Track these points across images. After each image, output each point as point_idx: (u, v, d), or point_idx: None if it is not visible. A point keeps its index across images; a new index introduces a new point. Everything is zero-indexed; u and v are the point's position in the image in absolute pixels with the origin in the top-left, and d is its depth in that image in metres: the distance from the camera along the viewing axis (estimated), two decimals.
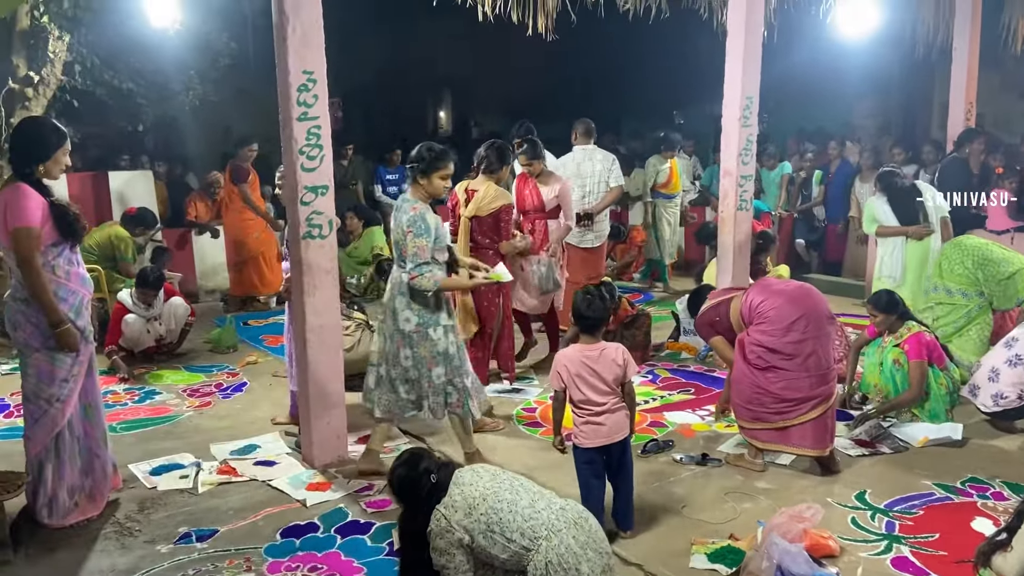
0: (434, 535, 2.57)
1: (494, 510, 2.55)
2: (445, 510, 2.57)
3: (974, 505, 3.75)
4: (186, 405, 5.30)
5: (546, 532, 2.53)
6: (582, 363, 3.38)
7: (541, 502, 2.64)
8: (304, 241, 4.09)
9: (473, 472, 2.71)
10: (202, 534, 3.55)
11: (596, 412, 3.37)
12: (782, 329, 3.95)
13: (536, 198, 5.67)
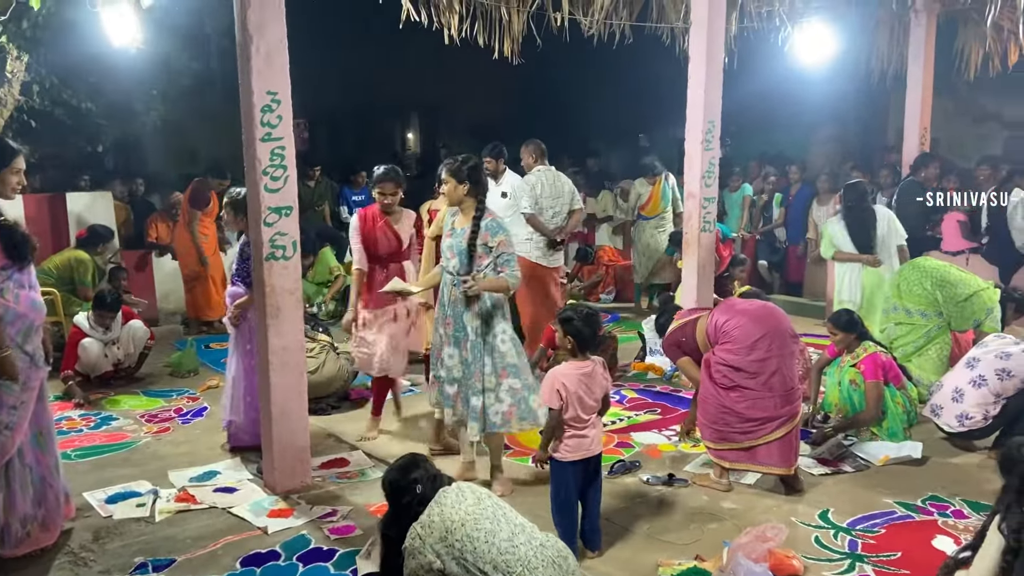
0: (407, 554, 2.52)
1: (470, 538, 2.49)
2: (421, 529, 2.51)
3: (935, 523, 3.79)
4: (144, 431, 5.18)
5: (521, 568, 2.47)
6: (580, 380, 3.42)
7: (521, 536, 2.58)
8: (268, 263, 4.04)
9: (458, 493, 2.65)
10: (159, 564, 3.45)
11: (582, 428, 3.42)
12: (746, 348, 3.99)
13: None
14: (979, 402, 4.49)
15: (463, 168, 4.02)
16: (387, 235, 4.79)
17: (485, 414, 4.00)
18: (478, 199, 4.04)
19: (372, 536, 3.59)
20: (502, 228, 4.04)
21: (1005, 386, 4.44)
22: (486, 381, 3.99)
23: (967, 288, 5.35)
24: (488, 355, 3.98)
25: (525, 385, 4.01)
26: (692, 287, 5.90)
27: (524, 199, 6.44)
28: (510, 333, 4.04)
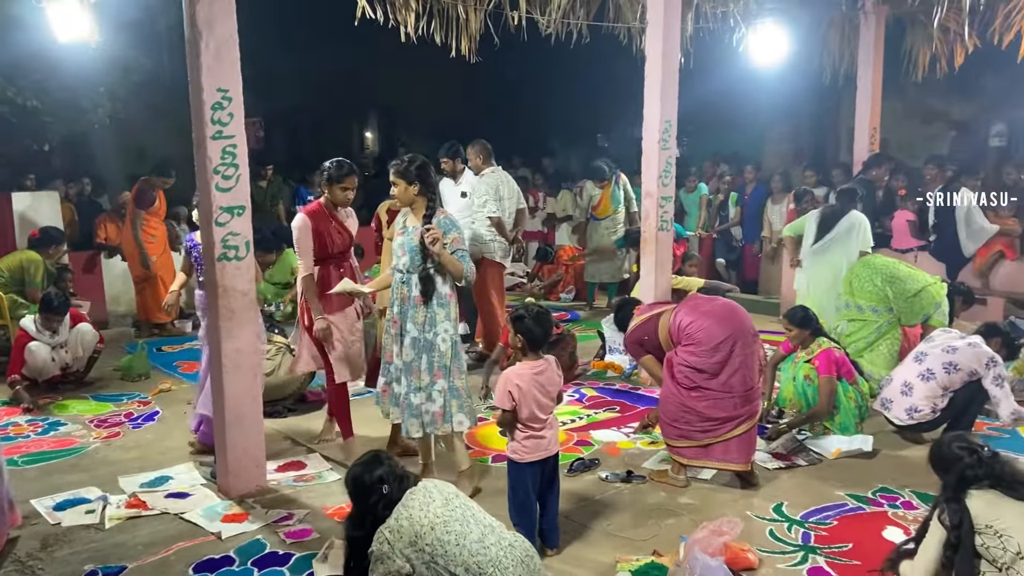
0: (375, 558, 2.48)
1: (440, 542, 2.47)
2: (389, 534, 2.48)
3: (885, 515, 3.87)
4: (93, 436, 5.05)
5: (492, 569, 2.46)
6: (533, 379, 3.41)
7: (491, 536, 2.57)
8: (220, 263, 3.97)
9: (425, 493, 2.62)
10: (109, 571, 3.37)
11: (539, 428, 3.41)
12: (709, 350, 4.02)
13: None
14: (927, 395, 4.60)
15: (411, 169, 3.98)
16: (340, 232, 4.65)
17: (421, 411, 4.00)
18: (428, 198, 4.02)
19: (329, 539, 3.56)
20: (455, 225, 4.03)
21: (952, 379, 4.55)
22: (422, 378, 3.98)
23: (916, 284, 5.48)
24: (426, 352, 3.96)
25: (451, 388, 4.00)
26: (650, 285, 5.94)
27: (490, 202, 6.44)
28: (452, 334, 4.00)
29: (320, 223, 4.54)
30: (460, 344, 4.12)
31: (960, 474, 2.59)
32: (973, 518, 2.50)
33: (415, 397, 4.00)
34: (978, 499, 2.54)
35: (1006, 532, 2.46)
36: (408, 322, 3.99)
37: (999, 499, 2.53)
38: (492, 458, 4.61)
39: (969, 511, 2.52)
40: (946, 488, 2.63)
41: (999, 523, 2.47)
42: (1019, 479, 2.59)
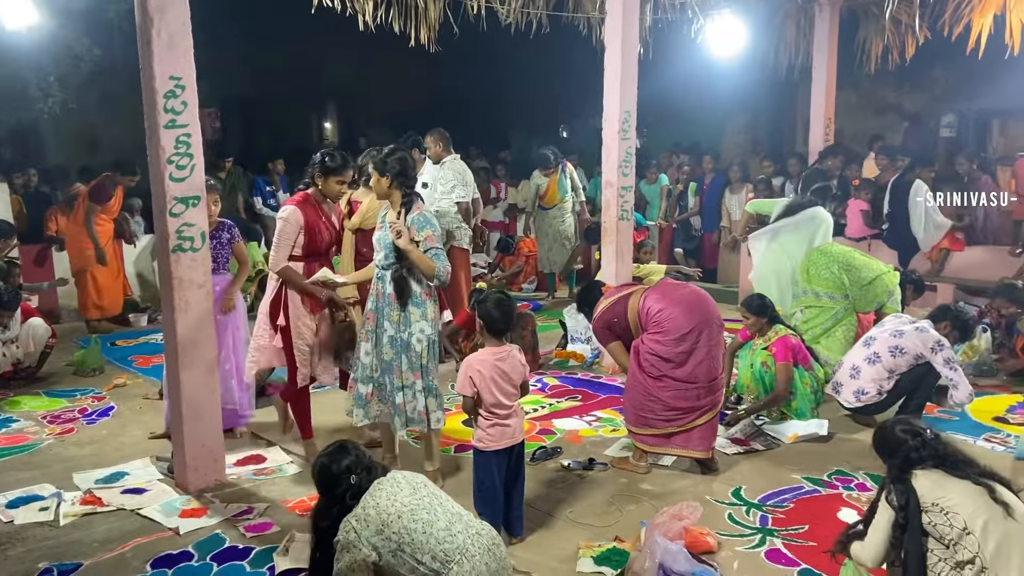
0: (341, 547, 2.46)
1: (407, 530, 2.46)
2: (356, 523, 2.46)
3: (840, 496, 3.96)
4: (46, 432, 4.94)
5: (459, 557, 2.47)
6: (494, 366, 3.40)
7: (458, 524, 2.57)
8: (175, 255, 3.90)
9: (393, 483, 2.61)
10: (64, 569, 3.30)
11: (504, 415, 3.41)
12: (675, 340, 4.04)
13: None
14: (874, 378, 4.72)
15: (387, 160, 3.89)
16: (329, 227, 4.40)
17: (406, 411, 3.96)
18: (404, 191, 3.93)
19: (290, 532, 3.53)
20: (429, 222, 3.91)
21: (898, 362, 4.67)
22: (404, 378, 3.93)
23: (870, 272, 5.60)
24: (404, 353, 3.92)
25: (428, 387, 3.97)
26: (611, 274, 5.98)
27: (459, 188, 6.41)
28: (428, 334, 3.95)
29: (310, 216, 4.29)
30: (436, 341, 4.05)
31: (905, 456, 2.66)
32: (919, 497, 2.57)
33: (399, 396, 3.94)
34: (923, 478, 2.60)
35: (952, 509, 2.52)
36: (385, 320, 3.94)
37: (943, 478, 2.60)
38: (455, 448, 4.61)
39: (915, 491, 2.58)
40: (892, 470, 2.70)
41: (944, 501, 2.54)
42: (961, 459, 2.67)
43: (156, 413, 5.19)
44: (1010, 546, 2.45)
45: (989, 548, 2.45)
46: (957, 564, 2.51)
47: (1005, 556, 2.44)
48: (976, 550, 2.46)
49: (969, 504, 2.52)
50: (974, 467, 2.64)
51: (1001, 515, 2.49)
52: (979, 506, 2.51)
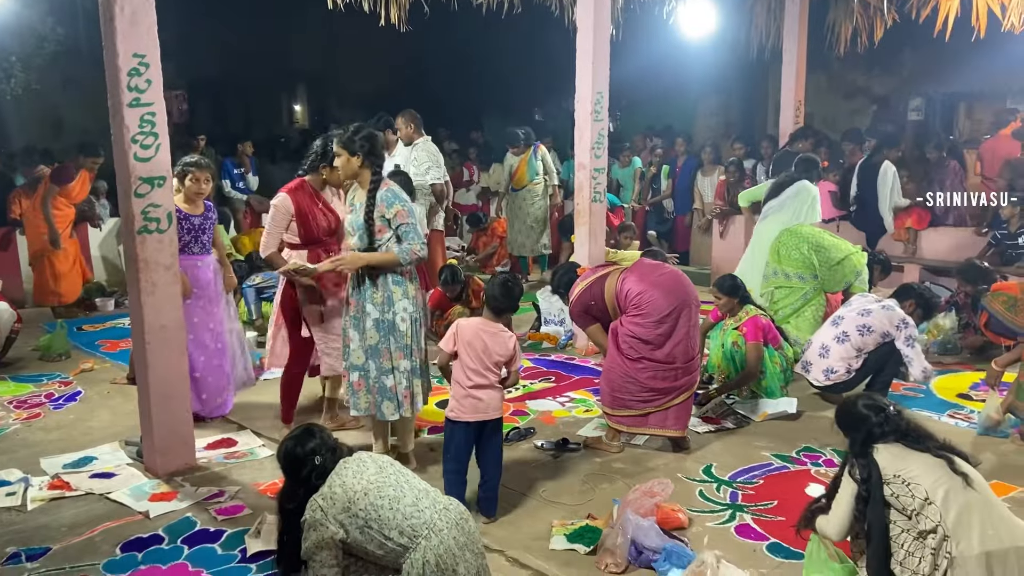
0: (308, 526, 2.46)
1: (374, 506, 2.46)
2: (323, 501, 2.46)
3: (808, 472, 4.02)
4: (12, 418, 4.86)
5: (427, 531, 2.47)
6: (477, 333, 3.49)
7: (425, 500, 2.57)
8: (140, 236, 3.84)
9: (359, 462, 2.61)
10: (32, 553, 3.26)
11: (477, 385, 3.45)
12: (655, 322, 4.06)
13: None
14: (843, 357, 4.79)
15: (354, 138, 3.80)
16: (326, 213, 4.37)
17: (397, 393, 3.89)
18: (373, 170, 3.84)
19: (261, 515, 3.51)
20: (398, 198, 3.83)
21: (865, 341, 4.74)
22: (394, 360, 3.87)
23: (839, 252, 5.66)
24: (391, 334, 3.87)
25: (413, 368, 3.92)
26: (584, 256, 5.98)
27: (433, 169, 6.37)
28: (411, 312, 3.89)
29: (304, 203, 4.28)
30: (421, 320, 4.00)
31: (868, 431, 2.71)
32: (881, 470, 2.62)
33: (387, 379, 3.88)
34: (884, 452, 2.66)
35: (913, 480, 2.58)
36: (367, 303, 3.87)
37: (903, 451, 2.66)
38: (428, 430, 4.61)
39: (877, 464, 2.64)
40: (854, 444, 2.75)
41: (906, 472, 2.60)
42: (923, 433, 2.73)
43: (124, 398, 5.12)
44: (970, 515, 2.51)
45: (950, 517, 2.51)
46: (920, 534, 2.56)
47: (966, 524, 2.50)
48: (938, 519, 2.52)
49: (930, 475, 2.58)
50: (933, 441, 2.71)
51: (961, 485, 2.56)
52: (939, 477, 2.57)
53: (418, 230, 3.87)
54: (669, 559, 3.11)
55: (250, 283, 6.68)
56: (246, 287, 6.67)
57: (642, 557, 3.15)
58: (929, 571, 2.53)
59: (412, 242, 3.82)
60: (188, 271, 4.56)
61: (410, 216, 3.84)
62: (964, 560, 2.48)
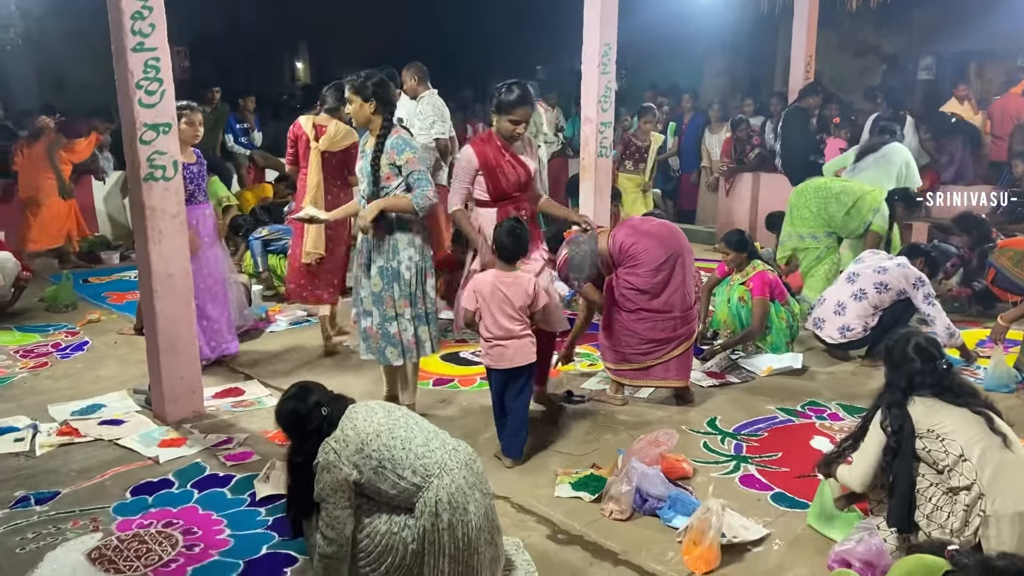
0: (321, 468, 2.46)
1: (387, 447, 2.48)
2: (335, 444, 2.47)
3: (813, 426, 4.04)
4: (19, 367, 4.88)
5: (438, 471, 2.49)
6: (495, 286, 3.54)
7: (435, 441, 2.59)
8: (146, 184, 3.82)
9: (367, 408, 2.62)
10: (42, 497, 3.29)
11: (503, 336, 3.53)
12: (652, 270, 4.05)
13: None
14: (860, 314, 4.76)
15: (367, 84, 3.75)
16: (514, 167, 3.94)
17: (401, 341, 3.91)
18: (385, 116, 3.80)
19: (270, 460, 3.54)
20: (409, 145, 3.79)
21: (882, 298, 4.71)
22: (397, 307, 3.88)
23: (851, 196, 5.54)
24: (396, 281, 3.86)
25: (418, 315, 3.92)
26: (589, 211, 5.95)
27: (438, 123, 6.28)
28: (416, 260, 3.87)
29: (489, 156, 3.89)
30: (428, 269, 3.97)
31: (909, 377, 2.67)
32: (915, 423, 2.60)
33: (391, 326, 3.89)
34: (919, 405, 2.62)
35: (948, 436, 2.55)
36: (373, 251, 3.87)
37: (940, 405, 2.62)
38: (433, 382, 4.63)
39: (910, 417, 2.61)
40: (893, 387, 2.70)
41: (940, 427, 2.56)
42: (965, 390, 2.68)
43: (131, 348, 5.15)
44: (1007, 474, 2.49)
45: (986, 475, 2.49)
46: (951, 489, 2.55)
47: (1002, 483, 2.48)
48: (973, 477, 2.50)
49: (966, 432, 2.55)
50: (975, 398, 2.66)
51: (999, 444, 2.54)
52: (976, 434, 2.55)
53: (429, 178, 3.83)
54: (673, 506, 3.15)
55: (256, 235, 6.65)
56: (252, 240, 6.65)
57: (647, 505, 3.18)
58: (959, 527, 2.52)
59: (424, 189, 3.78)
60: (198, 222, 4.60)
61: (421, 163, 3.82)
62: (998, 518, 2.46)
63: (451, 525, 2.45)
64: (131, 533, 3.03)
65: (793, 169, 7.59)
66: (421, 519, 2.46)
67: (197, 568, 2.82)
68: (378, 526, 2.49)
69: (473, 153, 3.88)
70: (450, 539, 2.46)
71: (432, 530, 2.45)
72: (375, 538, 2.48)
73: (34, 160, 7.32)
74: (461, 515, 2.48)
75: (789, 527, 3.09)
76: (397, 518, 2.49)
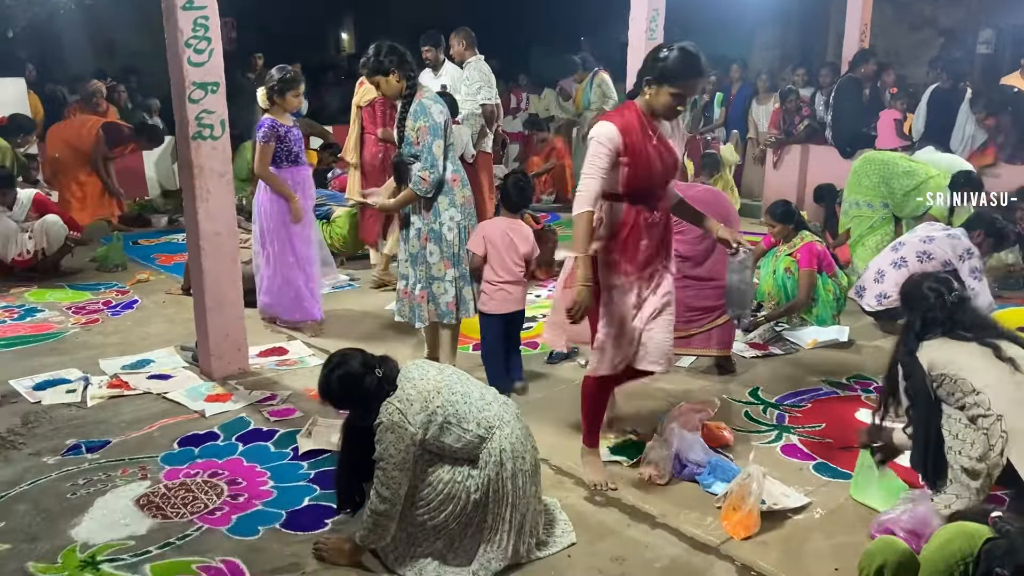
0: (384, 429, 2.46)
1: (450, 402, 2.52)
2: (399, 404, 2.47)
3: (858, 398, 3.97)
4: (71, 322, 5.01)
5: (499, 422, 2.55)
6: (503, 232, 3.79)
7: (489, 395, 2.65)
8: (194, 142, 3.86)
9: (418, 367, 2.64)
10: (92, 445, 3.39)
11: (508, 281, 3.78)
12: (696, 237, 3.99)
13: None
14: (897, 282, 4.58)
15: (380, 59, 3.77)
16: (662, 154, 2.94)
17: (435, 303, 3.92)
18: (407, 78, 3.82)
19: (312, 417, 3.59)
20: (424, 113, 3.75)
21: (924, 267, 4.57)
22: (433, 270, 3.89)
23: (915, 179, 5.41)
24: (436, 243, 3.86)
25: (462, 275, 3.93)
26: None
27: (484, 88, 6.24)
28: (458, 220, 3.87)
29: (635, 137, 2.87)
30: (472, 227, 3.96)
31: (922, 318, 2.69)
32: (927, 370, 2.62)
33: (419, 288, 3.91)
34: (930, 349, 2.67)
35: (959, 375, 2.59)
36: (412, 213, 3.90)
37: (947, 344, 2.66)
38: (473, 347, 4.64)
39: (921, 366, 2.63)
40: (907, 331, 2.72)
41: (951, 368, 2.61)
42: (980, 323, 2.70)
43: (179, 307, 5.25)
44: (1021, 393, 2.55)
45: (1001, 399, 2.54)
46: (971, 419, 2.60)
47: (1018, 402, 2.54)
48: (987, 404, 2.55)
49: (975, 365, 2.60)
50: (988, 330, 2.71)
51: (1009, 370, 2.59)
52: (985, 366, 2.60)
53: (433, 152, 3.75)
54: (713, 472, 3.12)
55: None
56: None
57: (686, 470, 3.16)
58: (983, 451, 2.57)
59: (422, 168, 3.74)
60: (302, 184, 4.72)
61: (430, 135, 3.75)
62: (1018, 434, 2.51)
63: (514, 474, 2.53)
64: (178, 482, 3.11)
65: (844, 140, 7.40)
66: (486, 469, 2.52)
67: (241, 516, 2.88)
68: (440, 476, 2.53)
69: (617, 130, 2.83)
70: (513, 487, 2.53)
71: (497, 479, 2.51)
72: (437, 487, 2.53)
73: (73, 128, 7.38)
74: (521, 464, 2.56)
75: (831, 496, 3.05)
76: (460, 468, 2.54)
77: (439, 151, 3.76)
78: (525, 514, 2.58)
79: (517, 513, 2.55)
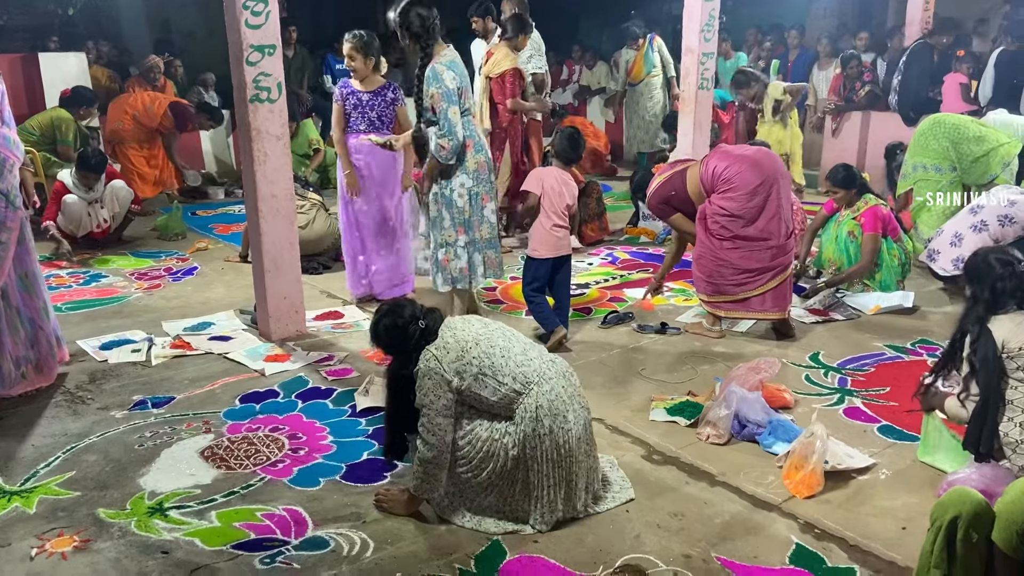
0: (422, 375, 2.49)
1: (487, 354, 2.51)
2: (436, 351, 2.50)
3: (924, 363, 3.84)
4: (134, 287, 5.14)
5: (537, 378, 2.51)
6: (558, 179, 3.98)
7: (533, 351, 2.62)
8: (252, 105, 3.90)
9: (464, 320, 2.66)
10: (158, 401, 3.48)
11: (556, 225, 3.95)
12: (747, 194, 3.92)
13: None
14: (977, 247, 4.46)
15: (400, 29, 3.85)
16: None
17: (449, 268, 4.00)
18: (422, 46, 3.84)
19: (369, 376, 3.63)
20: (435, 78, 3.78)
21: (1005, 232, 4.41)
22: (446, 235, 3.95)
23: (984, 145, 5.20)
24: (447, 208, 3.91)
25: (472, 242, 3.99)
26: (687, 146, 5.79)
27: (535, 57, 6.20)
28: (469, 187, 3.93)
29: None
30: (487, 193, 4.03)
31: (992, 287, 2.55)
32: (1000, 343, 2.48)
33: (440, 252, 4.00)
34: (999, 325, 2.51)
35: None
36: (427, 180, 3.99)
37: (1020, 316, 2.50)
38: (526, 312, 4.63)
39: (993, 341, 2.49)
40: (976, 304, 2.58)
41: None
42: None
43: (237, 274, 5.35)
44: None
45: None
46: None
47: None
48: None
49: None
50: None
51: None
52: None
53: (449, 119, 3.78)
54: (774, 432, 3.06)
55: None
56: None
57: (745, 431, 3.11)
58: None
59: (440, 135, 3.78)
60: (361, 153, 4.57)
61: (444, 101, 3.76)
62: None
63: (552, 431, 2.48)
64: (240, 435, 3.17)
65: (909, 105, 7.16)
66: (521, 425, 2.48)
67: (302, 468, 2.93)
68: (479, 432, 2.52)
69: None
70: (551, 444, 2.48)
71: (533, 436, 2.47)
72: (476, 444, 2.52)
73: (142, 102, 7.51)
74: (561, 423, 2.50)
75: (897, 458, 2.97)
76: (498, 425, 2.52)
77: (456, 117, 3.81)
78: (574, 470, 2.54)
79: (562, 470, 2.51)
